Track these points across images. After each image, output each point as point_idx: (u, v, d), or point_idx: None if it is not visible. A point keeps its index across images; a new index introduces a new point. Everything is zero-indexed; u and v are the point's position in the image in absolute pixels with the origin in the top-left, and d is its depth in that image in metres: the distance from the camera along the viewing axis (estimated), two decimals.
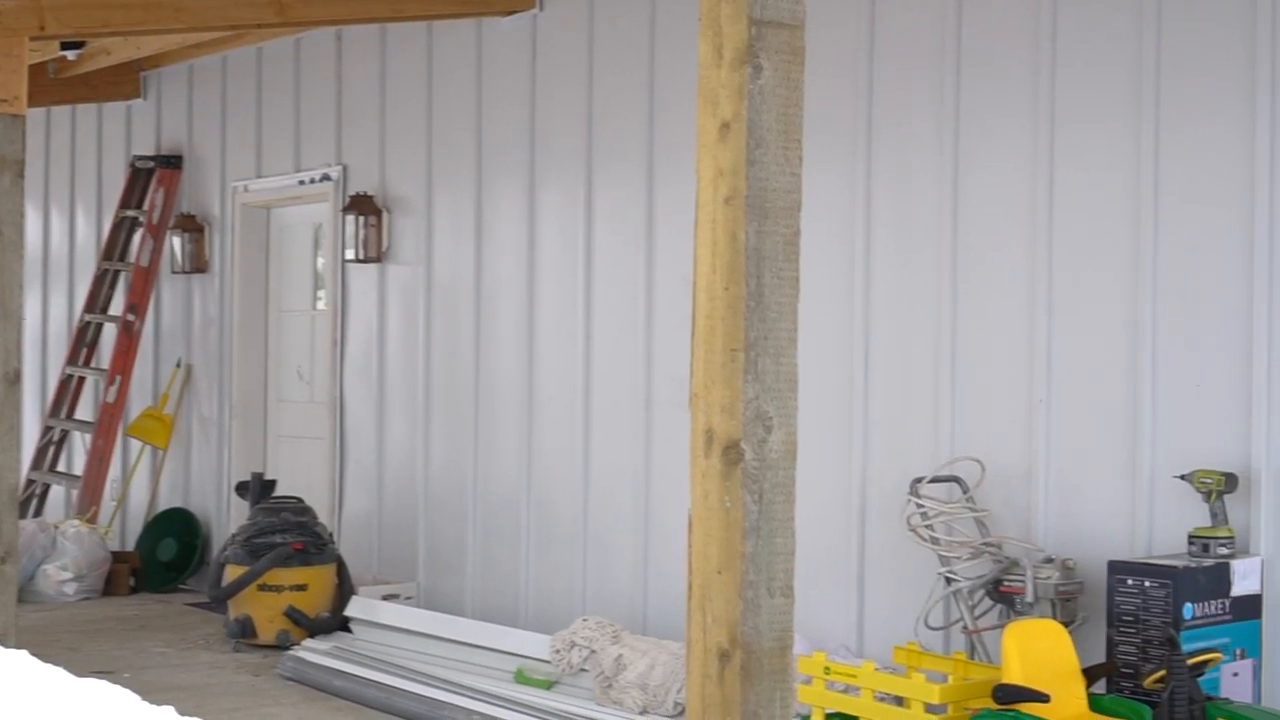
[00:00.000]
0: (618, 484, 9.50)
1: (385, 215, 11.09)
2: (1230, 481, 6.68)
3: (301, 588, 10.13)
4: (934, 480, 7.47)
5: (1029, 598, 6.94)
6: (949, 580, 7.24)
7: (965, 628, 7.19)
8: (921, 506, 7.35)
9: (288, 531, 10.28)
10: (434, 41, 10.80)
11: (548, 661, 8.55)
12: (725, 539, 4.42)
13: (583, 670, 8.38)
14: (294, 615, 10.01)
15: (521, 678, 8.64)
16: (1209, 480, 6.69)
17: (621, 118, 9.53)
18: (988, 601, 7.20)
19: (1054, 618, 6.80)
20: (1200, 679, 6.00)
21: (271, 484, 11.23)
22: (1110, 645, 6.53)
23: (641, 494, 9.33)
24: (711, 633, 4.45)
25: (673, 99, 9.01)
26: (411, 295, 10.95)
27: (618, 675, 8.08)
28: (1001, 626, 6.74)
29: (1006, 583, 7.06)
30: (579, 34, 9.80)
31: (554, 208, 9.98)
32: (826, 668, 6.75)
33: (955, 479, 7.54)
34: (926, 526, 7.33)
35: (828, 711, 6.77)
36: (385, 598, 10.31)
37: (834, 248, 8.31)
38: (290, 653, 9.60)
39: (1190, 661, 5.92)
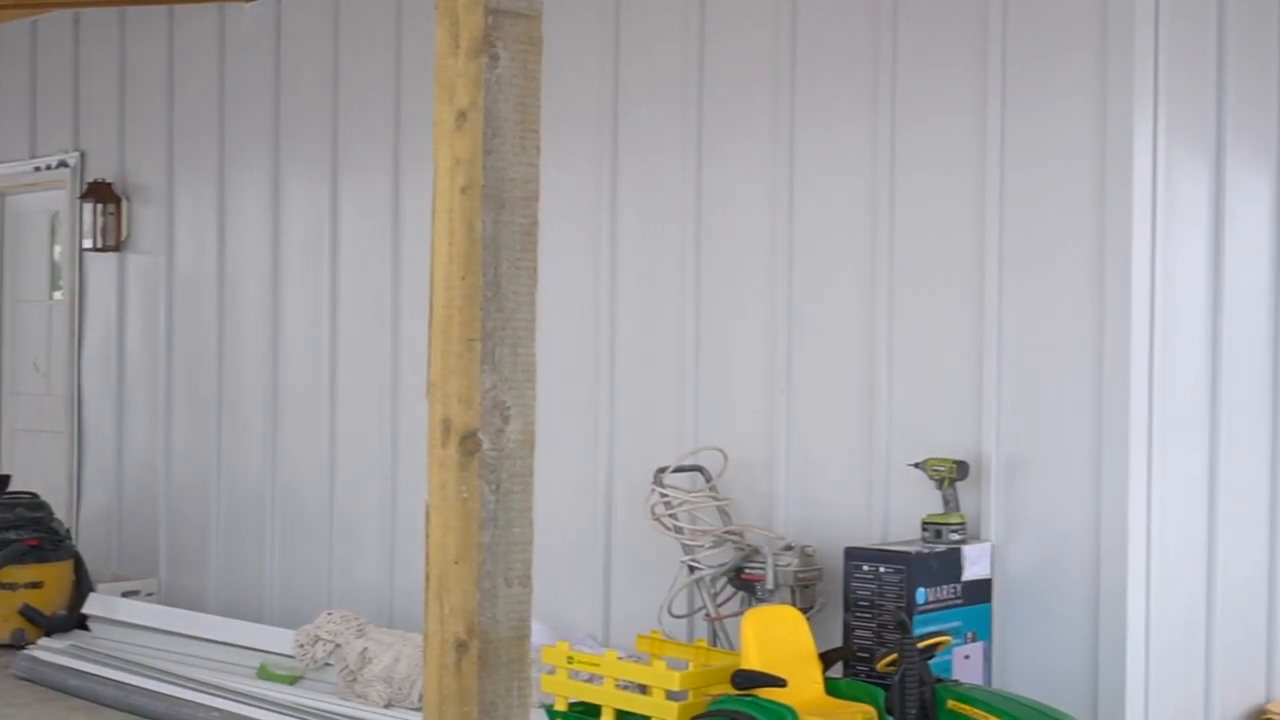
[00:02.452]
0: (365, 476, 9.41)
1: (125, 203, 10.83)
2: (961, 469, 6.86)
3: (37, 585, 9.85)
4: (677, 470, 7.54)
5: (770, 585, 7.05)
6: (692, 568, 7.32)
7: (708, 615, 7.28)
8: (665, 496, 7.42)
9: (22, 528, 9.99)
10: (175, 26, 10.58)
11: (291, 657, 8.43)
12: (462, 529, 4.40)
13: (327, 665, 8.29)
14: (29, 613, 9.73)
15: (265, 673, 8.52)
16: (941, 468, 6.87)
17: (368, 105, 9.45)
18: (730, 589, 7.30)
19: (794, 604, 6.92)
20: (931, 661, 6.15)
21: (5, 479, 10.88)
22: (847, 630, 6.67)
23: (389, 486, 9.27)
24: (449, 623, 4.43)
25: (418, 87, 8.96)
26: (152, 285, 10.72)
27: (362, 669, 8.01)
28: (743, 613, 6.83)
29: (748, 570, 7.15)
30: (324, 20, 9.68)
31: (299, 196, 9.85)
32: (569, 657, 6.77)
33: (699, 468, 7.63)
34: (670, 516, 7.40)
35: (571, 700, 6.79)
36: (125, 594, 10.08)
37: (580, 238, 8.35)
38: (25, 652, 9.33)
39: (921, 645, 6.07)
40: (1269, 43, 7.37)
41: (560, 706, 6.79)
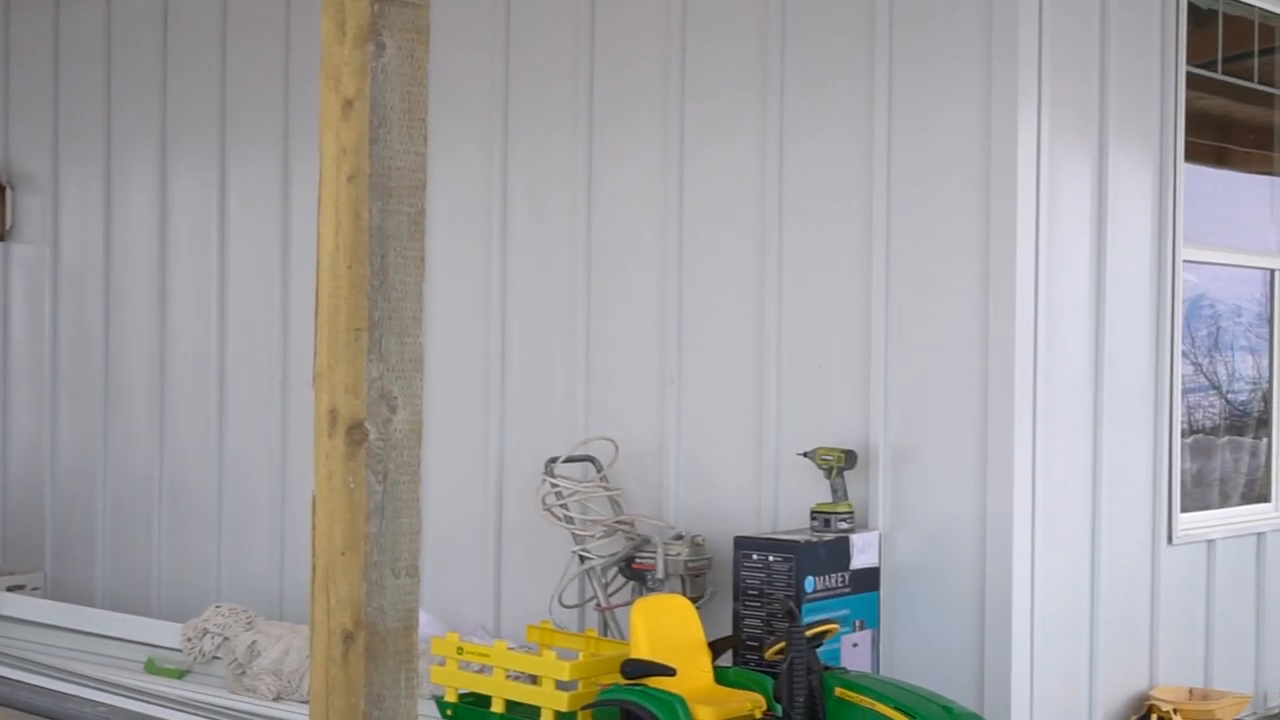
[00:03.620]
0: (254, 468, 9.33)
1: (9, 192, 10.66)
2: (850, 458, 6.91)
3: None
4: (568, 460, 7.54)
5: (660, 574, 7.07)
6: (583, 559, 7.32)
7: (598, 605, 7.29)
8: (556, 486, 7.42)
9: None
10: (61, 13, 10.42)
11: (179, 650, 8.36)
12: (349, 520, 4.38)
13: (215, 658, 8.22)
14: None
15: (152, 668, 8.43)
16: (830, 457, 6.92)
17: (257, 94, 9.36)
18: (621, 579, 7.31)
19: (684, 593, 6.94)
20: (819, 649, 6.19)
21: None
22: (736, 618, 6.70)
23: (278, 478, 9.20)
24: (335, 615, 4.41)
25: (307, 76, 8.88)
26: (38, 275, 10.56)
27: (251, 662, 7.94)
28: (633, 603, 6.84)
29: (638, 560, 7.17)
30: (212, 7, 9.57)
31: (188, 185, 9.74)
32: (459, 648, 6.75)
33: (589, 458, 7.64)
34: (561, 506, 7.40)
35: (461, 691, 6.78)
36: (10, 589, 9.92)
37: (470, 229, 8.33)
38: None
39: (809, 633, 6.10)
40: (1151, 44, 7.47)
41: (450, 698, 6.77)
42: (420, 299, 4.46)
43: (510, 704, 6.57)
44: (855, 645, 6.76)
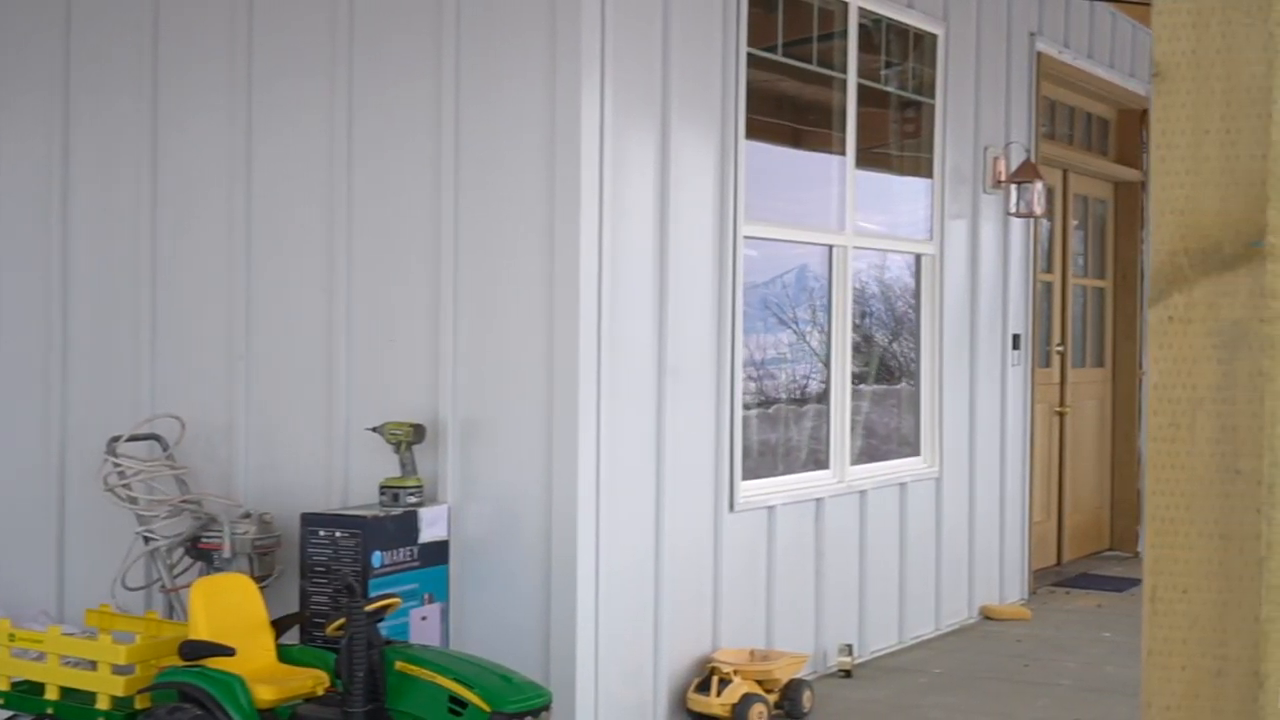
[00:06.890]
0: None
1: None
2: (419, 432, 6.93)
3: None
4: (132, 438, 7.35)
5: (227, 554, 6.95)
6: (147, 539, 7.16)
7: (163, 587, 7.14)
8: (119, 466, 7.22)
9: None
10: None
11: None
12: None
13: None
14: None
15: None
16: (399, 432, 6.92)
17: None
18: (188, 559, 7.17)
19: (251, 572, 6.85)
20: (384, 624, 6.18)
21: None
22: (304, 596, 6.65)
23: None
24: None
25: None
26: None
27: None
28: None
29: (205, 539, 7.04)
30: None
31: None
32: (11, 635, 6.51)
33: (155, 436, 7.46)
34: (124, 486, 7.21)
35: (14, 679, 6.54)
36: None
37: (30, 198, 8.12)
38: None
39: (369, 608, 6.08)
40: (713, 26, 7.68)
41: (2, 686, 6.53)
42: None
43: (66, 691, 6.37)
44: (424, 619, 6.79)
